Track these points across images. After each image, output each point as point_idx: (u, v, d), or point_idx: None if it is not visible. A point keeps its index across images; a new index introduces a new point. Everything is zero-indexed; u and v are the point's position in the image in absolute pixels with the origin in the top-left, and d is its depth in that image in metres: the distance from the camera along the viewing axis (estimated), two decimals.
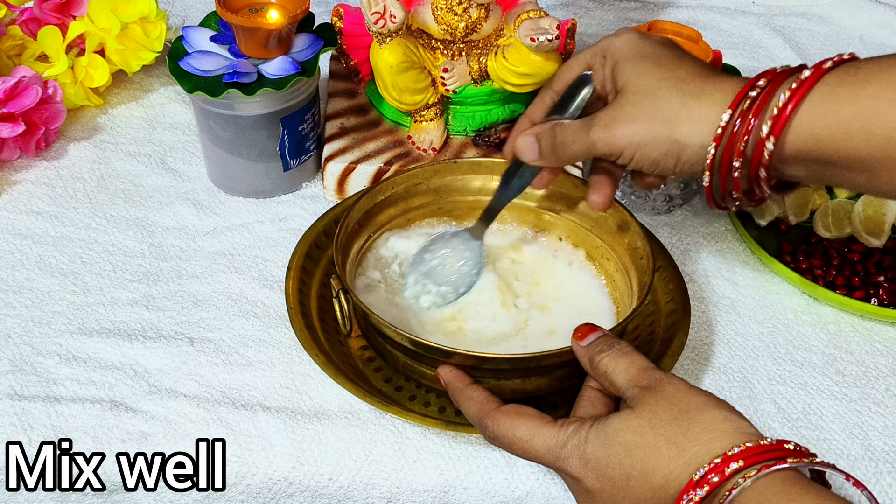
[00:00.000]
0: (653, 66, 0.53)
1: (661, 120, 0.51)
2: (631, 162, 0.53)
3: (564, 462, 0.49)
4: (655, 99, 0.51)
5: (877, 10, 1.07)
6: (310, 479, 0.58)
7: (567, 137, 0.55)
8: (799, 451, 0.45)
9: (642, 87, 0.52)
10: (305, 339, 0.61)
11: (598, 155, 0.54)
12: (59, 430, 0.58)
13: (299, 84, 0.72)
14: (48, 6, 0.82)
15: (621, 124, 0.52)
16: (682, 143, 0.50)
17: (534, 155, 0.58)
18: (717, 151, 0.50)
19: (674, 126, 0.50)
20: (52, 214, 0.74)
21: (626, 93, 0.53)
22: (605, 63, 0.56)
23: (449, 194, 0.69)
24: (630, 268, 0.64)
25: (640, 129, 0.51)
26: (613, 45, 0.55)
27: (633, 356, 0.51)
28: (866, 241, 0.75)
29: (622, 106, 0.53)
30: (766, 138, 0.48)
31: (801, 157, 0.48)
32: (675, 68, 0.52)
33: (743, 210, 0.77)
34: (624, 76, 0.54)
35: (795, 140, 0.48)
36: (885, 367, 0.67)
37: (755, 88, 0.49)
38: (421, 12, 0.74)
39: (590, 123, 0.54)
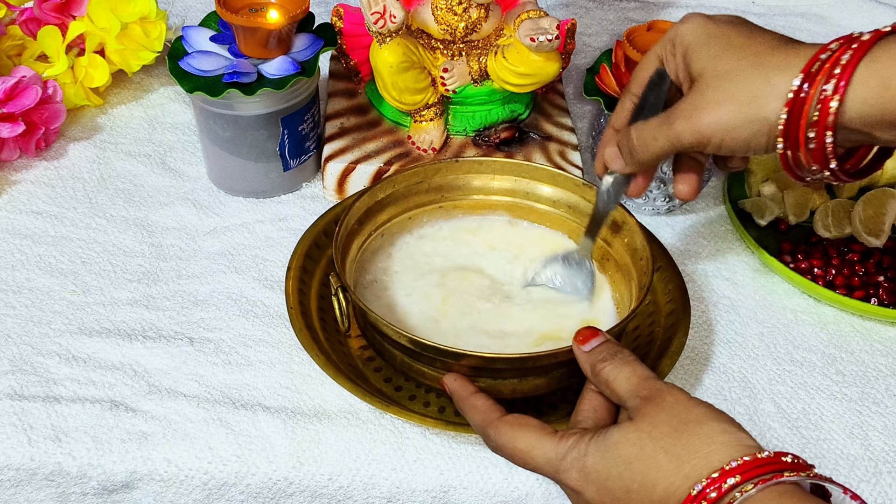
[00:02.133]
0: (726, 47, 0.51)
1: (746, 99, 0.49)
2: (721, 147, 0.51)
3: (564, 474, 0.49)
4: (737, 79, 0.50)
5: (877, 10, 1.07)
6: (310, 479, 0.58)
7: (647, 136, 0.54)
8: (797, 463, 0.45)
9: (720, 69, 0.50)
10: (305, 339, 0.61)
11: (684, 148, 0.53)
12: (59, 430, 0.58)
13: (299, 84, 0.72)
14: (48, 6, 0.82)
15: (705, 111, 0.50)
16: (770, 121, 0.49)
17: (619, 163, 0.57)
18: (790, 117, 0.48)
19: (760, 103, 0.49)
20: (52, 214, 0.74)
21: (705, 78, 0.51)
22: (675, 52, 0.54)
23: (450, 193, 0.69)
24: (630, 268, 0.64)
25: (727, 113, 0.50)
26: (680, 33, 0.54)
27: (634, 365, 0.51)
28: (866, 241, 0.75)
29: (703, 92, 0.51)
30: (830, 97, 0.46)
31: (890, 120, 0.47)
32: (749, 45, 0.51)
33: (743, 210, 0.77)
34: (699, 62, 0.52)
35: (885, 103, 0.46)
36: (885, 367, 0.67)
37: (827, 51, 0.48)
38: (421, 12, 0.74)
39: (670, 117, 0.52)
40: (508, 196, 0.70)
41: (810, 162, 0.49)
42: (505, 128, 0.77)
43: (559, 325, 0.63)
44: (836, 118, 0.47)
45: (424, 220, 0.69)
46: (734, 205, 0.78)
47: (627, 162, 0.57)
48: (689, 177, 0.57)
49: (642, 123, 0.55)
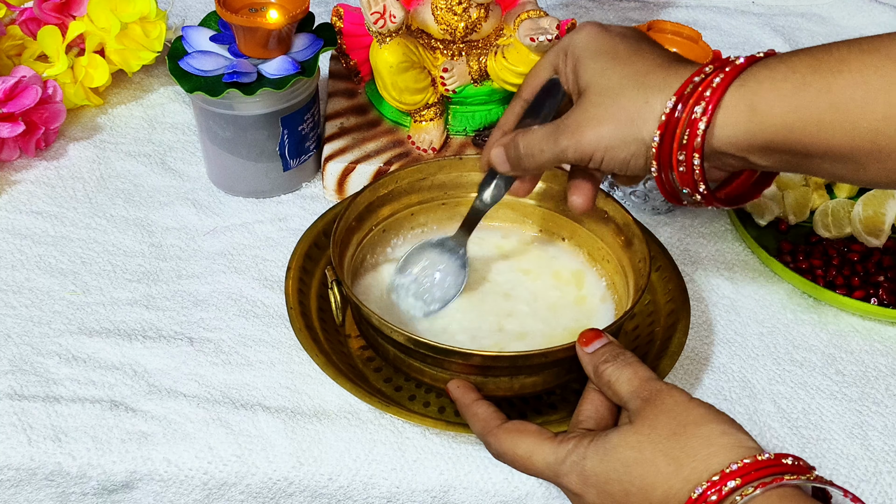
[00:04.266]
0: (612, 63, 0.51)
1: (625, 120, 0.49)
2: (602, 165, 0.51)
3: (564, 478, 0.49)
4: (618, 98, 0.50)
5: (877, 10, 1.07)
6: (310, 479, 0.58)
7: (534, 146, 0.54)
8: (797, 466, 0.44)
9: (604, 86, 0.50)
10: (305, 339, 0.61)
11: (568, 161, 0.52)
12: (59, 430, 0.58)
13: (299, 84, 0.72)
14: (48, 6, 0.82)
15: (588, 128, 0.50)
16: (648, 141, 0.49)
17: (503, 166, 0.57)
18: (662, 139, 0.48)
19: (638, 124, 0.49)
20: (52, 214, 0.74)
21: (589, 93, 0.51)
22: (566, 62, 0.54)
23: (453, 190, 0.69)
24: (628, 269, 0.64)
25: (606, 132, 0.49)
26: (573, 43, 0.54)
27: (636, 367, 0.51)
28: (866, 241, 0.75)
29: (586, 108, 0.51)
30: (698, 119, 0.46)
31: (772, 147, 0.47)
32: (634, 62, 0.50)
33: (743, 209, 0.77)
34: (586, 76, 0.52)
35: (765, 130, 0.46)
36: (885, 366, 0.67)
37: (701, 74, 0.48)
38: (421, 12, 0.74)
39: (557, 130, 0.52)
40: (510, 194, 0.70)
41: (682, 185, 0.49)
42: None
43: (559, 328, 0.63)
44: (703, 141, 0.47)
45: (426, 217, 0.69)
46: None
47: (514, 167, 0.56)
48: (581, 189, 0.56)
49: (531, 133, 0.54)
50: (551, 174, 0.68)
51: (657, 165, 0.49)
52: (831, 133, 0.45)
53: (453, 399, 0.56)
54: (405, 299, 0.63)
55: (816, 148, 0.46)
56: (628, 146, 0.49)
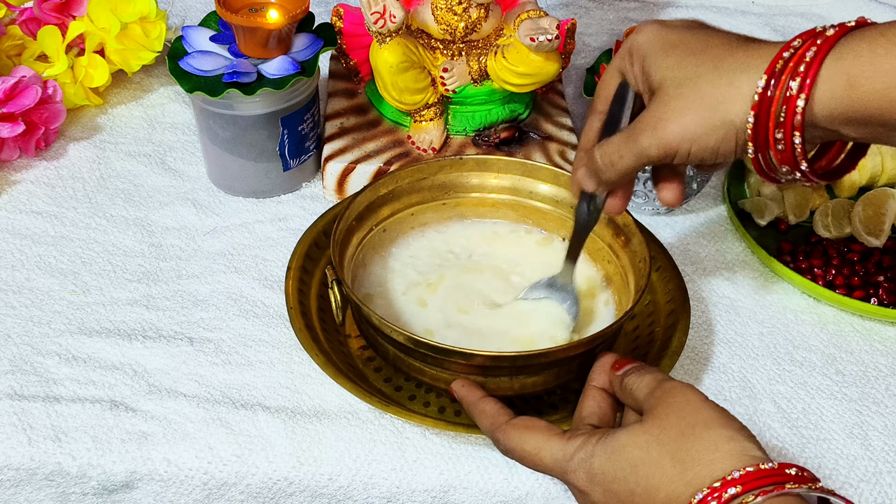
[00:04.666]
0: (685, 54, 0.49)
1: (709, 105, 0.47)
2: (689, 157, 0.49)
3: (572, 475, 0.49)
4: (698, 85, 0.48)
5: (877, 10, 1.07)
6: (310, 479, 0.58)
7: (612, 155, 0.52)
8: (801, 476, 0.44)
9: (681, 77, 0.49)
10: (305, 338, 0.61)
11: (651, 161, 0.51)
12: (59, 429, 0.58)
13: (299, 84, 0.72)
14: (48, 6, 0.82)
15: (669, 121, 0.48)
16: (737, 124, 0.47)
17: (591, 185, 0.55)
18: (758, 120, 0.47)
19: (725, 107, 0.47)
20: (52, 214, 0.74)
21: (665, 87, 0.49)
22: (633, 63, 0.53)
23: (454, 191, 0.69)
24: (628, 270, 0.64)
25: (691, 121, 0.48)
26: (637, 44, 0.52)
27: (655, 373, 0.52)
28: (866, 241, 0.75)
29: (665, 102, 0.49)
30: (796, 96, 0.45)
31: (869, 120, 0.45)
32: (708, 49, 0.49)
33: (743, 210, 0.77)
34: (658, 72, 0.50)
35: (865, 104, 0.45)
36: (885, 366, 0.67)
37: (789, 49, 0.46)
38: (421, 12, 0.74)
39: (633, 131, 0.51)
40: (511, 195, 0.70)
41: (781, 163, 0.48)
42: (505, 128, 0.77)
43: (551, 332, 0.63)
44: (804, 118, 0.46)
45: (426, 216, 0.69)
46: (734, 205, 0.78)
47: (597, 183, 0.55)
48: (670, 185, 0.55)
49: (605, 142, 0.53)
50: (552, 174, 0.68)
51: (753, 146, 0.48)
52: None
53: (458, 398, 0.56)
54: None
55: None
56: (716, 131, 0.48)
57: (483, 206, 0.70)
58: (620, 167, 0.52)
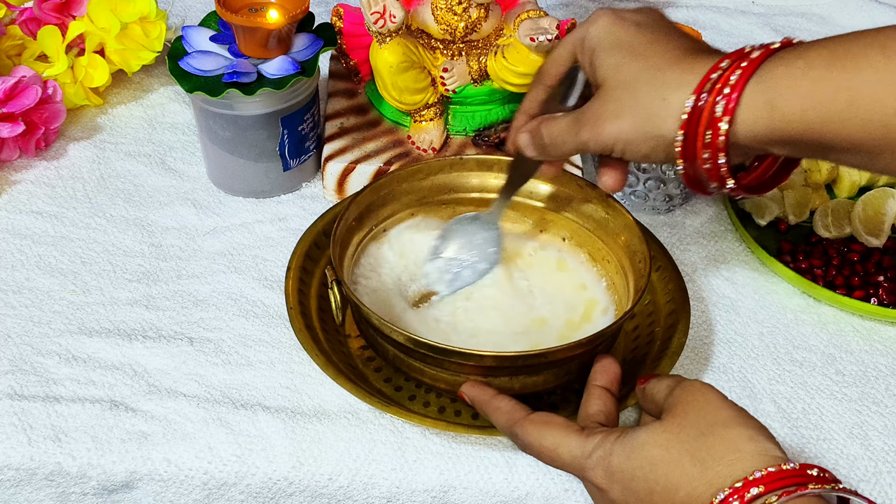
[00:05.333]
0: (629, 57, 0.51)
1: (643, 116, 0.49)
2: (624, 155, 0.52)
3: (590, 472, 0.49)
4: (635, 94, 0.50)
5: (877, 10, 1.07)
6: (310, 479, 0.58)
7: (557, 137, 0.55)
8: (823, 477, 0.44)
9: (621, 81, 0.50)
10: (305, 339, 0.61)
11: (591, 152, 0.53)
12: (59, 429, 0.58)
13: (299, 84, 0.72)
14: (48, 6, 0.82)
15: (607, 121, 0.51)
16: (666, 138, 0.49)
17: (529, 151, 0.58)
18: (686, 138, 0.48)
19: (657, 122, 0.49)
20: (52, 214, 0.75)
21: (606, 87, 0.51)
22: (584, 53, 0.54)
23: (454, 190, 0.69)
24: (628, 270, 0.64)
25: (626, 126, 0.50)
26: (589, 34, 0.54)
27: (677, 377, 0.52)
28: (866, 241, 0.75)
29: (605, 102, 0.51)
30: (720, 119, 0.47)
31: (791, 140, 0.47)
32: (650, 56, 0.50)
33: (743, 209, 0.77)
34: (602, 69, 0.52)
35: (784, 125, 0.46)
36: (885, 366, 0.67)
37: (717, 70, 0.48)
38: (421, 12, 0.74)
39: (577, 122, 0.53)
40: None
41: (709, 179, 0.50)
42: (505, 128, 0.78)
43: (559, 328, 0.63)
44: (727, 139, 0.47)
45: (426, 216, 0.69)
46: (734, 205, 0.78)
47: (539, 154, 0.58)
48: (612, 171, 0.57)
49: (554, 123, 0.55)
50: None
51: (682, 162, 0.49)
52: (847, 127, 0.45)
53: (470, 400, 0.56)
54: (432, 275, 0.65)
55: (833, 141, 0.46)
56: (647, 141, 0.50)
57: (483, 207, 0.70)
58: (563, 149, 0.55)
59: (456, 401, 0.61)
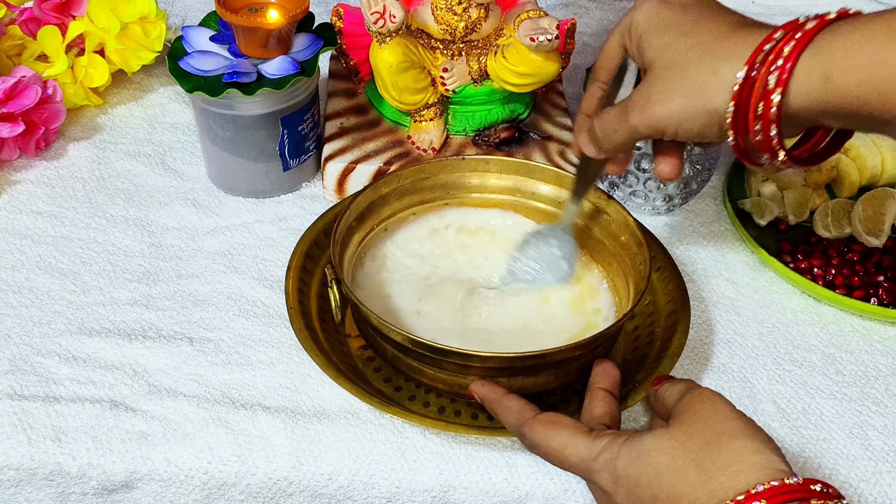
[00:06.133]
0: (675, 36, 0.51)
1: (694, 92, 0.49)
2: (676, 136, 0.51)
3: (596, 475, 0.49)
4: (685, 71, 0.50)
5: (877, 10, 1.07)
6: (309, 479, 0.58)
7: (608, 128, 0.55)
8: (826, 493, 0.44)
9: (669, 60, 0.50)
10: (305, 339, 0.61)
11: (643, 137, 0.53)
12: (59, 429, 0.58)
13: (299, 84, 0.72)
14: (48, 6, 0.82)
15: (656, 103, 0.50)
16: (720, 111, 0.49)
17: (589, 150, 0.58)
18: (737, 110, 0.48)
19: (709, 95, 0.49)
20: (52, 214, 0.75)
21: (655, 69, 0.51)
22: (631, 40, 0.54)
23: (455, 190, 0.69)
24: (629, 272, 0.64)
25: (677, 105, 0.50)
26: (635, 21, 0.54)
27: (688, 382, 0.52)
28: (866, 241, 0.75)
29: (653, 83, 0.51)
30: (772, 90, 0.46)
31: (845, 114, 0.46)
32: (698, 33, 0.50)
33: (743, 210, 0.77)
34: (650, 52, 0.52)
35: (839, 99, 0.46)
36: (885, 366, 0.67)
37: (771, 41, 0.47)
38: (421, 12, 0.74)
39: (626, 108, 0.53)
40: (513, 195, 0.70)
41: (761, 151, 0.50)
42: (505, 128, 0.77)
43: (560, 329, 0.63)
44: (779, 111, 0.47)
45: (429, 215, 0.69)
46: (734, 204, 0.78)
47: (598, 150, 0.57)
48: (668, 158, 0.57)
49: (604, 113, 0.55)
50: (554, 175, 0.68)
51: (733, 134, 0.49)
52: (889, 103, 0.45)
53: (480, 398, 0.56)
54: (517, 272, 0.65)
55: (889, 115, 0.45)
56: (700, 117, 0.49)
57: (485, 207, 0.70)
58: (616, 140, 0.55)
59: (456, 401, 0.61)
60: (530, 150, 0.77)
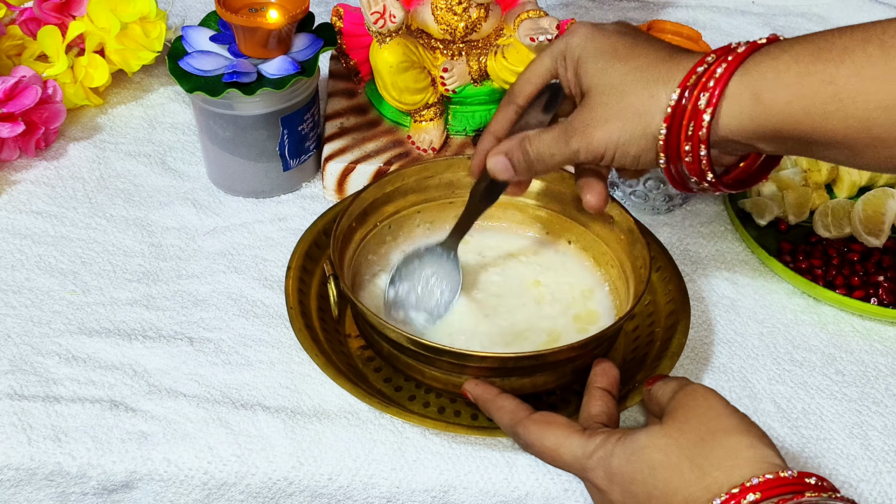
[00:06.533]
0: (613, 61, 0.51)
1: (632, 116, 0.50)
2: (613, 162, 0.51)
3: (591, 473, 0.49)
4: (623, 95, 0.50)
5: (877, 10, 1.07)
6: (309, 479, 0.58)
7: (544, 152, 0.54)
8: (820, 486, 0.44)
9: (607, 85, 0.51)
10: (305, 338, 0.61)
11: (580, 162, 0.53)
12: (59, 429, 0.58)
13: (299, 84, 0.72)
14: (48, 6, 0.82)
15: (597, 128, 0.50)
16: (655, 135, 0.49)
17: (508, 173, 0.56)
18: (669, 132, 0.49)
19: (646, 119, 0.49)
20: (52, 214, 0.75)
21: (594, 94, 0.51)
22: (566, 66, 0.54)
23: (460, 189, 0.69)
24: (629, 274, 0.64)
25: (616, 129, 0.50)
26: (570, 46, 0.54)
27: (681, 379, 0.52)
28: (866, 241, 0.75)
29: (593, 108, 0.51)
30: (703, 111, 0.47)
31: (777, 135, 0.47)
32: (635, 58, 0.51)
33: (743, 209, 0.77)
34: (587, 77, 0.52)
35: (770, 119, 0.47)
36: (885, 366, 0.67)
37: (703, 64, 0.48)
38: (421, 12, 0.74)
39: (566, 132, 0.52)
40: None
41: (690, 174, 0.50)
42: None
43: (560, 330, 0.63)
44: (709, 132, 0.48)
45: (432, 215, 0.69)
46: (734, 204, 0.78)
47: (521, 173, 0.56)
48: (593, 186, 0.56)
49: (539, 138, 0.54)
50: (559, 176, 0.68)
51: (665, 157, 0.50)
52: (830, 121, 0.45)
53: (474, 398, 0.56)
54: (408, 313, 0.63)
55: (817, 135, 0.46)
56: (638, 141, 0.50)
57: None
58: (550, 163, 0.54)
59: (455, 401, 0.61)
60: None
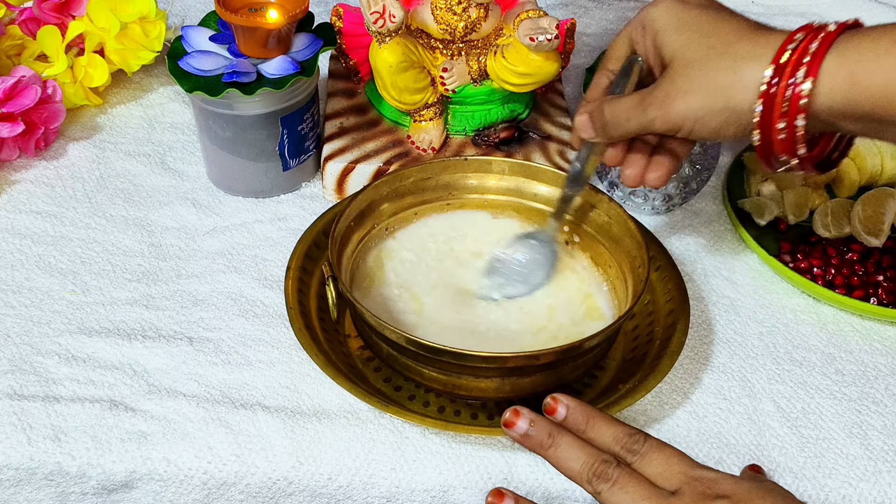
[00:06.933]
0: (696, 35, 0.52)
1: (714, 90, 0.50)
2: (691, 134, 0.52)
3: None
4: (706, 69, 0.51)
5: (877, 10, 1.07)
6: (309, 479, 0.58)
7: (620, 115, 0.55)
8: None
9: (689, 59, 0.52)
10: (305, 338, 0.61)
11: (654, 132, 0.54)
12: (59, 429, 0.58)
13: (298, 84, 0.72)
14: (47, 6, 0.82)
15: (676, 100, 0.52)
16: (739, 110, 0.50)
17: (588, 132, 0.58)
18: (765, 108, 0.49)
19: (729, 94, 0.50)
20: (52, 214, 0.75)
21: (675, 66, 0.52)
22: (645, 35, 0.55)
23: (457, 191, 0.69)
24: (628, 275, 0.64)
25: (696, 103, 0.51)
26: (651, 17, 0.55)
27: None
28: (865, 241, 0.75)
29: (674, 80, 0.52)
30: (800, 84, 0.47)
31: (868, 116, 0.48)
32: (719, 33, 0.52)
33: (743, 210, 0.77)
34: (669, 49, 0.53)
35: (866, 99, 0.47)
36: (885, 366, 0.67)
37: (793, 41, 0.49)
38: (420, 12, 0.74)
39: (644, 101, 0.53)
40: (514, 196, 0.70)
41: (780, 152, 0.51)
42: (504, 127, 0.77)
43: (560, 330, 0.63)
44: (807, 109, 0.48)
45: (428, 216, 0.70)
46: (734, 204, 0.78)
47: (598, 133, 0.58)
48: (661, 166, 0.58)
49: (616, 100, 0.56)
50: (556, 177, 0.68)
51: (759, 134, 0.50)
52: None
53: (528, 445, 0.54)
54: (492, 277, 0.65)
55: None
56: (719, 115, 0.51)
57: (486, 208, 0.70)
58: (625, 128, 0.55)
59: (455, 401, 0.61)
60: (530, 150, 0.77)
